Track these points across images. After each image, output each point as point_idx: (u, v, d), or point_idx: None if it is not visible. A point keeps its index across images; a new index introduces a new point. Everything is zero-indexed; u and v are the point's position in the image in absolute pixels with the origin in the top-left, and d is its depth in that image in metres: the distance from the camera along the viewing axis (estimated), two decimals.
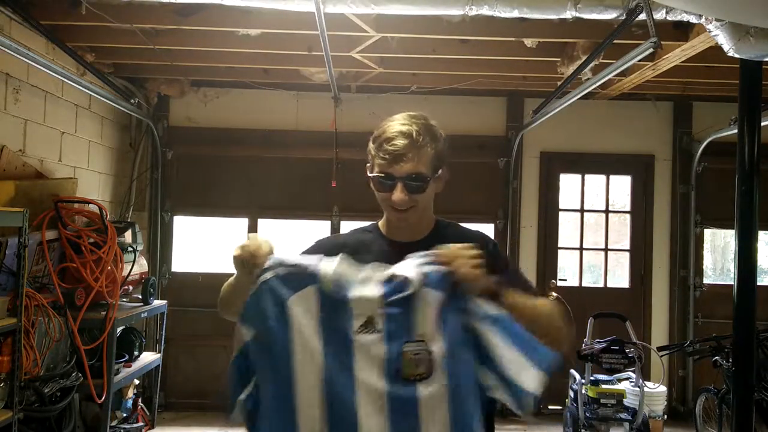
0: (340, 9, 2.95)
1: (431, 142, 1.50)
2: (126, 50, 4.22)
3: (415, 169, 1.48)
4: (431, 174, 1.50)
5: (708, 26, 2.68)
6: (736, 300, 2.75)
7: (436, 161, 1.52)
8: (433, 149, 1.51)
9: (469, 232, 1.64)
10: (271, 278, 1.32)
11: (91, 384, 3.40)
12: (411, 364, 1.26)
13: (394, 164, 1.47)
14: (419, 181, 1.49)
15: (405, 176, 1.48)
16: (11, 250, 2.96)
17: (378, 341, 1.27)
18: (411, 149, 1.47)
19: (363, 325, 1.28)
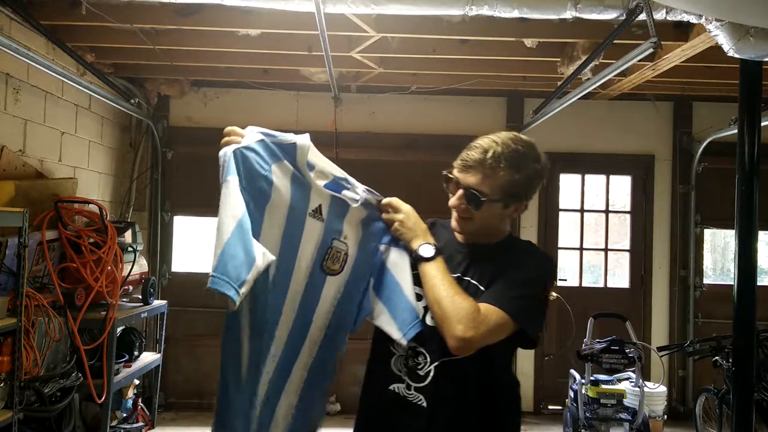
0: (340, 9, 2.95)
1: (508, 170, 1.49)
2: (126, 50, 4.22)
3: (476, 186, 1.50)
4: (494, 198, 1.50)
5: (708, 26, 2.68)
6: (736, 300, 2.75)
7: (509, 190, 1.51)
8: (507, 176, 1.49)
9: (534, 249, 1.66)
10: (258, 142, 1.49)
11: (91, 384, 3.40)
12: (332, 259, 1.53)
13: (463, 171, 1.53)
14: (475, 198, 1.51)
15: (465, 186, 1.52)
16: (11, 250, 2.96)
17: (319, 229, 1.51)
18: (479, 165, 1.49)
19: (314, 210, 1.51)
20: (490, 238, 1.61)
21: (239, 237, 1.32)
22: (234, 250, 1.30)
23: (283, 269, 1.47)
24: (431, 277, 1.48)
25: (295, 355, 1.53)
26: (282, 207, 1.46)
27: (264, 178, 1.43)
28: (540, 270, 1.57)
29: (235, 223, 1.32)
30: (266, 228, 1.43)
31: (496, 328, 1.43)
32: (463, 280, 1.55)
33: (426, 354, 1.54)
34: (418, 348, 1.55)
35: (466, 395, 1.52)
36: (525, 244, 1.67)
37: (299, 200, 1.48)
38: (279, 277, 1.47)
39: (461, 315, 1.41)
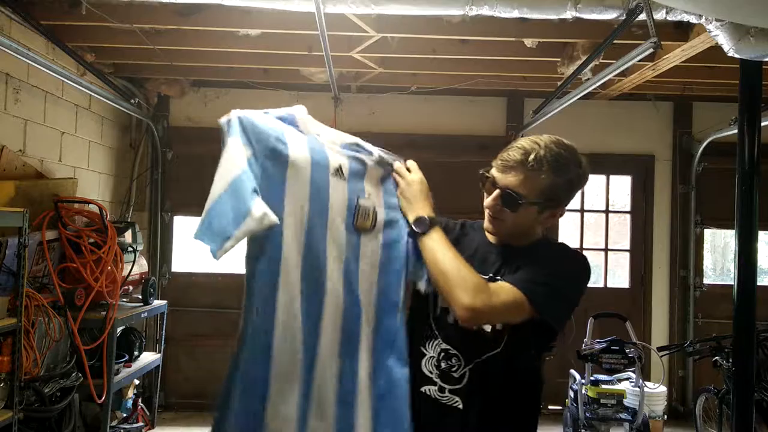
0: (340, 9, 2.95)
1: (549, 173, 1.46)
2: (126, 50, 4.22)
3: (515, 187, 1.47)
4: (531, 200, 1.47)
5: (708, 26, 2.68)
6: (736, 300, 2.75)
7: (548, 194, 1.48)
8: (547, 180, 1.46)
9: (568, 250, 1.61)
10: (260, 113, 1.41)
11: (91, 384, 3.40)
12: (362, 216, 1.49)
13: (502, 172, 1.50)
14: (512, 200, 1.47)
15: (502, 187, 1.49)
16: (11, 250, 2.96)
17: (344, 189, 1.48)
18: (520, 167, 1.46)
19: (336, 170, 1.47)
20: (523, 240, 1.57)
21: (230, 197, 1.28)
22: (222, 208, 1.27)
23: (317, 226, 1.42)
24: (430, 249, 1.46)
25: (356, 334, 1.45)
26: (305, 165, 1.41)
27: (277, 139, 1.38)
28: (572, 270, 1.52)
29: (226, 185, 1.29)
30: (291, 186, 1.38)
31: (508, 305, 1.39)
32: (495, 280, 1.51)
33: (460, 356, 1.51)
34: (451, 350, 1.52)
35: (499, 394, 1.50)
36: (560, 246, 1.63)
37: (319, 160, 1.44)
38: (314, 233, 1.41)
39: (467, 284, 1.38)
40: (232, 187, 1.28)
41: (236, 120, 1.35)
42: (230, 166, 1.30)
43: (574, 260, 1.55)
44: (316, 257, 1.40)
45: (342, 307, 1.43)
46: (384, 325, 1.48)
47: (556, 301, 1.45)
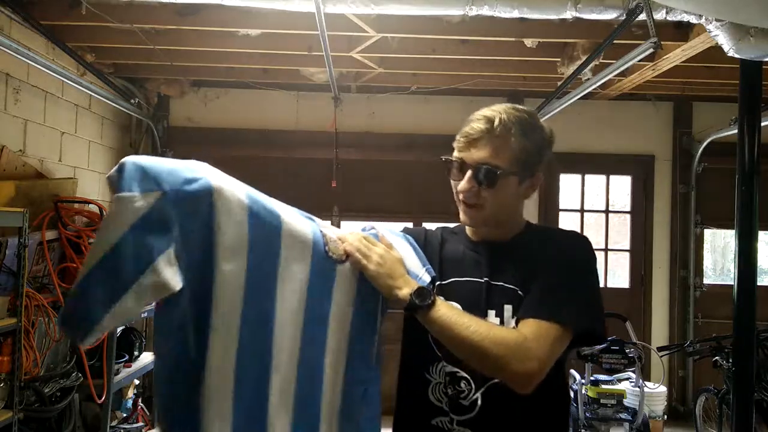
0: (340, 9, 2.95)
1: (518, 136, 1.29)
2: (126, 50, 4.22)
3: (488, 159, 1.28)
4: (510, 169, 1.29)
5: (708, 26, 2.68)
6: (736, 300, 2.75)
7: (524, 159, 1.30)
8: (518, 144, 1.29)
9: (561, 232, 1.44)
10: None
11: (91, 384, 3.40)
12: (331, 246, 1.24)
13: (467, 149, 1.31)
14: (489, 173, 1.28)
15: (474, 164, 1.29)
16: (11, 250, 2.96)
17: (300, 216, 1.23)
18: (486, 136, 1.29)
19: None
20: (508, 230, 1.39)
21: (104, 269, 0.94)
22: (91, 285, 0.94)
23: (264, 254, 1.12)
24: (446, 325, 1.20)
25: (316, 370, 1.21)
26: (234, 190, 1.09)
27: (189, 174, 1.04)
28: (583, 261, 1.33)
29: (103, 252, 0.95)
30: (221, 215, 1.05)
31: (554, 346, 1.20)
32: (494, 286, 1.32)
33: (469, 379, 1.30)
34: (459, 372, 1.31)
35: (518, 421, 1.29)
36: (549, 231, 1.46)
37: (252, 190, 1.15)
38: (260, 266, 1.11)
39: (509, 349, 1.16)
40: (111, 256, 0.94)
41: (130, 165, 0.98)
42: (110, 230, 0.96)
43: (578, 248, 1.35)
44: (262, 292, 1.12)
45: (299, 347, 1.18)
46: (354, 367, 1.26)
47: (589, 310, 1.27)
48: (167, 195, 0.99)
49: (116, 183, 0.97)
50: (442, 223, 1.55)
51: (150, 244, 0.96)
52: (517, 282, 1.31)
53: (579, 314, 1.25)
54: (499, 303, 1.30)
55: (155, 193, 0.98)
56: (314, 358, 1.20)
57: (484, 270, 1.35)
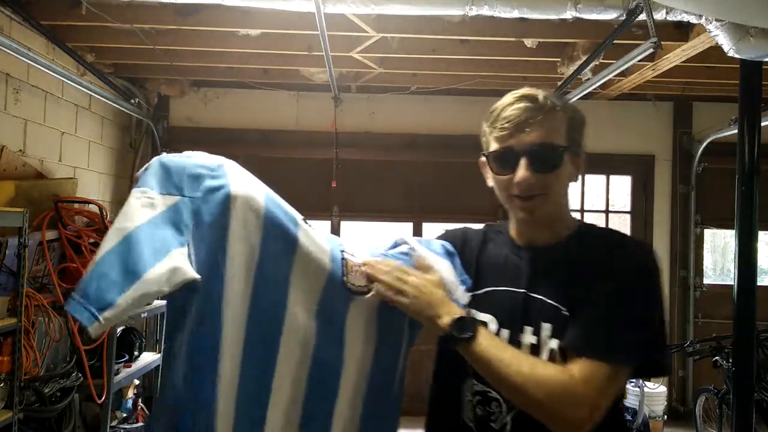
0: (340, 9, 2.95)
1: (565, 109, 1.16)
2: (126, 50, 4.22)
3: (545, 138, 1.12)
4: (572, 147, 1.15)
5: (708, 26, 2.68)
6: (736, 300, 2.75)
7: (573, 135, 1.16)
8: (568, 117, 1.16)
9: (620, 239, 1.19)
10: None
11: (91, 384, 3.40)
12: (352, 274, 1.13)
13: (516, 134, 1.13)
14: (550, 153, 1.13)
15: (530, 148, 1.12)
16: (11, 250, 2.96)
17: (320, 237, 1.13)
18: (538, 113, 1.13)
19: (302, 220, 1.12)
20: (558, 229, 1.21)
21: (120, 253, 0.94)
22: (105, 268, 0.93)
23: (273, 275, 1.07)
24: (490, 360, 1.06)
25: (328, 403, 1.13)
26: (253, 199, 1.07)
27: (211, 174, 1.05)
28: (643, 274, 1.11)
29: (119, 237, 0.95)
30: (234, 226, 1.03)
31: (608, 388, 1.05)
32: (533, 299, 1.15)
33: (500, 400, 1.15)
34: (490, 392, 1.15)
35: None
36: (605, 237, 1.21)
37: (274, 200, 1.11)
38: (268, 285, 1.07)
39: (555, 394, 1.02)
40: (123, 243, 0.95)
41: (156, 164, 1.03)
42: (128, 216, 0.98)
43: (641, 263, 1.13)
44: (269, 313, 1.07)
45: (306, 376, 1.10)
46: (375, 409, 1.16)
47: (651, 344, 1.10)
48: (185, 201, 1.00)
49: (139, 179, 1.01)
50: (441, 223, 1.51)
51: (167, 237, 0.97)
52: (560, 298, 1.12)
53: (638, 349, 1.08)
54: (536, 320, 1.13)
55: (174, 198, 1.00)
56: (323, 399, 1.12)
57: (524, 279, 1.18)
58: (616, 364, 1.05)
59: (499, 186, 1.20)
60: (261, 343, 1.06)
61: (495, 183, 1.21)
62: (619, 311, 1.08)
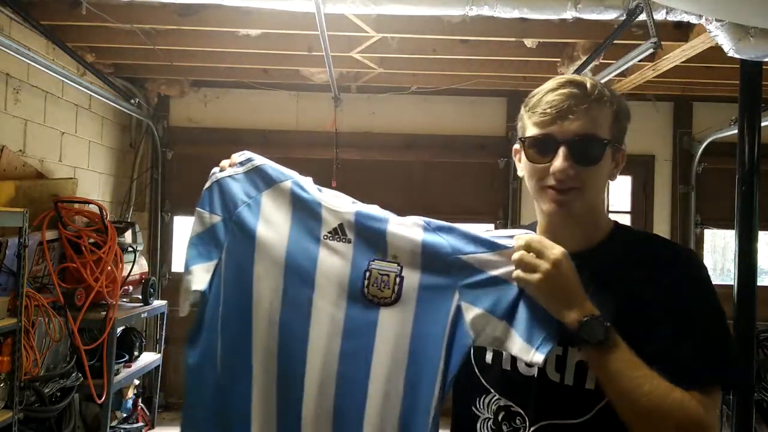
0: (340, 9, 2.95)
1: (613, 101, 1.08)
2: (126, 50, 4.22)
3: (589, 129, 1.05)
4: (615, 141, 1.08)
5: (708, 27, 2.68)
6: (736, 300, 2.75)
7: (617, 129, 1.10)
8: (614, 110, 1.09)
9: (662, 243, 1.14)
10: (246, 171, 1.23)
11: (91, 384, 3.40)
12: (376, 285, 1.09)
13: (559, 121, 1.05)
14: (593, 146, 1.05)
15: (572, 137, 1.05)
16: (11, 250, 2.96)
17: (346, 250, 1.12)
18: (583, 101, 1.05)
19: (331, 232, 1.13)
20: (593, 230, 1.12)
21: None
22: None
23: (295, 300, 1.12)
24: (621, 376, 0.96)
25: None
26: (280, 227, 1.16)
27: (247, 203, 1.19)
28: (709, 288, 1.07)
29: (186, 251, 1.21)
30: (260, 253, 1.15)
31: (716, 411, 1.01)
32: None
33: (524, 415, 1.08)
34: (513, 407, 1.10)
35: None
36: (650, 241, 1.15)
37: (305, 221, 1.15)
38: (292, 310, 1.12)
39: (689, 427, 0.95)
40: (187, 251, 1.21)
41: (215, 185, 1.22)
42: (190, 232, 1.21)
43: (698, 270, 1.09)
44: (293, 339, 1.11)
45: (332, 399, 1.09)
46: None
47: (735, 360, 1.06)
48: (224, 221, 1.19)
49: (201, 197, 1.21)
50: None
51: (198, 252, 1.18)
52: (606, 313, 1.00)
53: (735, 367, 1.04)
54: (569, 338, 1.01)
55: (216, 216, 1.19)
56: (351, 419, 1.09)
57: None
58: (718, 388, 1.01)
59: (532, 175, 1.10)
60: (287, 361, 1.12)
61: (528, 171, 1.11)
62: (712, 330, 1.02)
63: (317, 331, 1.10)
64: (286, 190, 1.19)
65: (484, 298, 1.04)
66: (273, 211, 1.17)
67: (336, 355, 1.09)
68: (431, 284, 1.07)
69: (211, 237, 1.18)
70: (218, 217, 1.18)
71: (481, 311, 1.03)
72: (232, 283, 1.15)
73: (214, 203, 1.19)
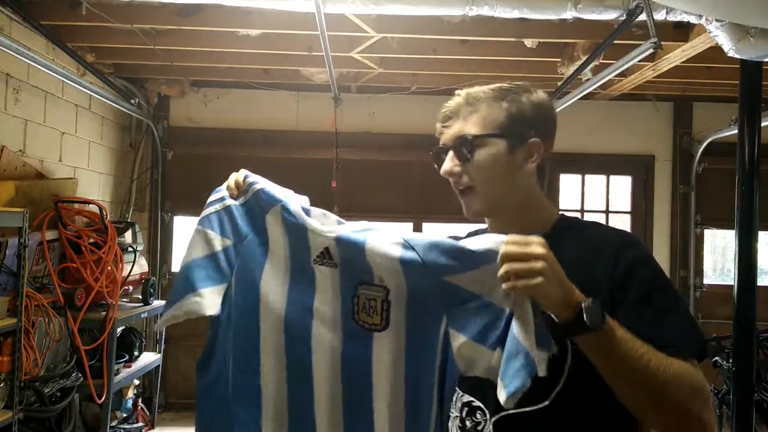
0: (340, 9, 2.95)
1: (494, 100, 1.14)
2: (126, 50, 4.22)
3: (463, 130, 1.14)
4: (487, 133, 1.13)
5: (708, 27, 2.68)
6: (736, 300, 2.75)
7: (507, 123, 1.13)
8: (496, 107, 1.14)
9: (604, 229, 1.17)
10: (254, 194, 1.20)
11: (91, 384, 3.40)
12: (365, 310, 1.08)
13: (444, 130, 1.17)
14: (465, 141, 1.12)
15: (451, 140, 1.15)
16: (11, 250, 2.96)
17: (333, 275, 1.11)
18: (462, 107, 1.15)
19: (319, 257, 1.12)
20: (530, 222, 1.14)
21: (178, 279, 1.20)
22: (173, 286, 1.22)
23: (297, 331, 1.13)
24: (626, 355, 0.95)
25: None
26: (282, 254, 1.17)
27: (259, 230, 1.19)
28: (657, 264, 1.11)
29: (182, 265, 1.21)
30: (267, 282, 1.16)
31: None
32: None
33: (484, 409, 1.11)
34: (474, 402, 1.12)
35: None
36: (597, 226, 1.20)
37: (297, 247, 1.15)
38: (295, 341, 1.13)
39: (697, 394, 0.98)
40: (183, 271, 1.19)
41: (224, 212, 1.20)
42: (191, 250, 1.19)
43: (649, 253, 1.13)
44: (299, 368, 1.13)
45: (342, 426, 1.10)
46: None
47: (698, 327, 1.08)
48: (236, 245, 1.18)
49: (205, 218, 1.20)
50: (441, 223, 1.46)
51: (208, 274, 1.17)
52: None
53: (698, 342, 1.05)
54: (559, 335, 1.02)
55: (228, 240, 1.18)
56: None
57: None
58: (701, 358, 1.04)
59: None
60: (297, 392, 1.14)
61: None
62: (680, 305, 1.05)
63: (319, 359, 1.11)
64: (278, 216, 1.17)
65: (472, 326, 1.00)
66: (275, 237, 1.17)
67: (339, 382, 1.10)
68: (418, 309, 1.05)
69: (221, 260, 1.18)
70: (230, 241, 1.18)
71: (468, 340, 1.00)
72: (241, 309, 1.16)
73: (224, 227, 1.19)
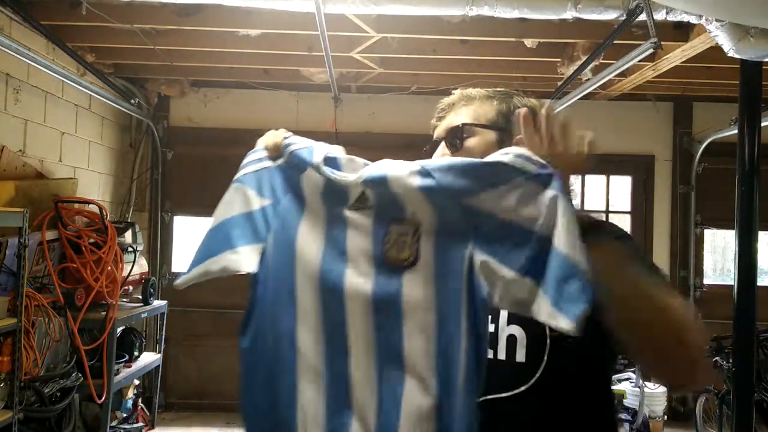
0: (340, 9, 2.95)
1: (487, 98, 1.20)
2: (126, 50, 4.22)
3: (454, 122, 1.19)
4: (479, 124, 1.17)
5: (708, 27, 2.68)
6: (736, 300, 2.75)
7: (497, 119, 1.18)
8: (488, 104, 1.19)
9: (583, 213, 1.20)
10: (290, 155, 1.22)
11: (91, 384, 3.40)
12: (394, 246, 1.05)
13: (437, 124, 1.23)
14: (456, 131, 1.17)
15: (444, 133, 1.20)
16: (11, 250, 2.96)
17: (368, 219, 1.09)
18: (456, 103, 1.21)
19: (357, 200, 1.09)
20: None
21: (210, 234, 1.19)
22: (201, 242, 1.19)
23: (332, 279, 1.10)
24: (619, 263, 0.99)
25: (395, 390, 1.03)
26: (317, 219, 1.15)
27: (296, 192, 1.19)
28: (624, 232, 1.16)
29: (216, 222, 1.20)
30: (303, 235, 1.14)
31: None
32: None
33: None
34: None
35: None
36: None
37: (332, 202, 1.13)
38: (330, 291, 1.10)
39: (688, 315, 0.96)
40: (219, 227, 1.18)
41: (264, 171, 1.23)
42: (229, 206, 1.20)
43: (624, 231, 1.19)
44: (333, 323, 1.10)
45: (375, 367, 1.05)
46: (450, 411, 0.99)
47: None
48: (274, 206, 1.19)
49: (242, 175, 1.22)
50: None
51: (243, 232, 1.16)
52: None
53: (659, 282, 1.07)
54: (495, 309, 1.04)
55: (266, 200, 1.19)
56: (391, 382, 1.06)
57: None
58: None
59: None
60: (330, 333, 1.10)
61: None
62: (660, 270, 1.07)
63: (353, 310, 1.06)
64: (313, 176, 1.14)
65: (500, 249, 0.95)
66: (311, 197, 1.16)
67: (372, 329, 1.05)
68: (445, 236, 1.01)
69: (258, 219, 1.18)
70: (268, 201, 1.19)
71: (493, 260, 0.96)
72: (277, 268, 1.15)
73: (263, 187, 1.20)
